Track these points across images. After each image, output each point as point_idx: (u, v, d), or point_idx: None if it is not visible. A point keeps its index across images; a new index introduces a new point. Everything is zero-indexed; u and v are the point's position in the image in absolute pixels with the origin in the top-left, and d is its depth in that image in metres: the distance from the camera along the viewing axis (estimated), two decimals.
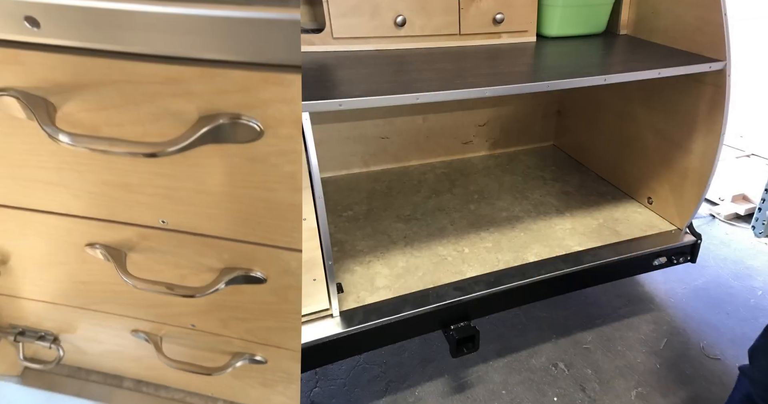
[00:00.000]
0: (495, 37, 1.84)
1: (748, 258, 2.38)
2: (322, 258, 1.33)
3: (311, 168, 1.21)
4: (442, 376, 1.76)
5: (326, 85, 1.33)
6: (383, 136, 2.26)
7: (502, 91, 1.32)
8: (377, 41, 1.72)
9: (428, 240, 1.80)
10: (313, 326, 1.40)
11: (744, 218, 2.67)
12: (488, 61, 1.62)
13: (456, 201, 2.06)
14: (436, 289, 1.55)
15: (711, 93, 1.61)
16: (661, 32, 1.79)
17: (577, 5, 1.83)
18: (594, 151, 2.28)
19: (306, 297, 1.36)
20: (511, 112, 2.43)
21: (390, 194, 2.12)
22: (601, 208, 2.00)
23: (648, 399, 1.68)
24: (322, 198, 1.25)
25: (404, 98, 1.23)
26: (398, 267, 1.65)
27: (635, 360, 1.82)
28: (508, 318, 2.02)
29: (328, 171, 2.26)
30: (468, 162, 2.41)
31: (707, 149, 1.67)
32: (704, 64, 1.53)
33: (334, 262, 1.38)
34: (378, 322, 1.43)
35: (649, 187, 1.97)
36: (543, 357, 1.84)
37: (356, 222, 1.92)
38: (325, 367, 1.80)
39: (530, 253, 1.72)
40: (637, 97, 1.94)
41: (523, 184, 2.20)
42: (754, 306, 2.09)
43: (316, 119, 1.98)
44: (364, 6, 1.67)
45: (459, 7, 1.76)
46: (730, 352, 1.86)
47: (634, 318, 2.02)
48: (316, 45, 1.67)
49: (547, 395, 1.69)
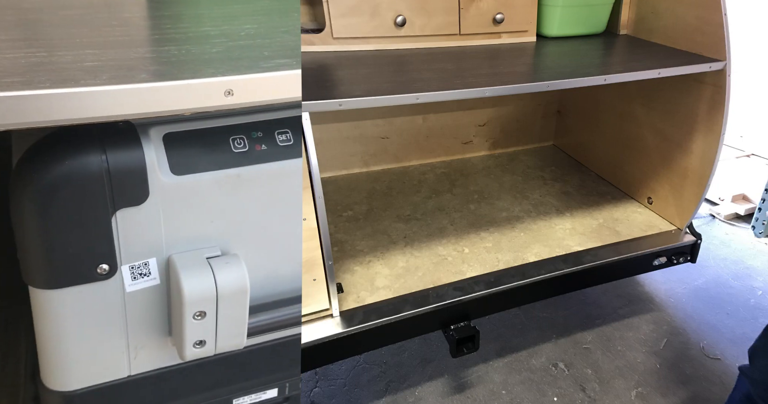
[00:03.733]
0: (495, 37, 1.84)
1: (748, 258, 2.38)
2: (322, 258, 1.33)
3: (311, 168, 1.21)
4: (442, 376, 1.76)
5: (326, 85, 1.33)
6: (383, 136, 2.26)
7: (502, 91, 1.32)
8: (377, 41, 1.72)
9: (428, 240, 1.79)
10: (313, 326, 1.40)
11: (744, 218, 2.67)
12: (488, 61, 1.62)
13: (456, 201, 2.06)
14: (436, 289, 1.55)
15: (711, 93, 1.61)
16: (661, 32, 1.79)
17: (577, 5, 1.83)
18: (594, 151, 2.28)
19: (306, 297, 1.36)
20: (511, 112, 2.43)
21: (390, 194, 2.12)
22: (601, 208, 2.00)
23: (648, 399, 1.68)
24: (322, 198, 1.25)
25: (404, 98, 1.23)
26: (398, 267, 1.65)
27: (635, 360, 1.82)
28: (508, 318, 2.02)
29: (328, 171, 2.25)
30: (468, 162, 2.41)
31: (707, 149, 1.67)
32: (704, 64, 1.53)
33: (334, 262, 1.38)
34: (378, 322, 1.43)
35: (649, 187, 1.97)
36: (543, 357, 1.84)
37: (356, 222, 1.92)
38: (325, 367, 1.80)
39: (530, 253, 1.72)
40: (637, 97, 1.94)
41: (523, 184, 2.20)
42: (754, 306, 2.09)
43: (316, 119, 1.98)
44: (364, 6, 1.67)
45: (459, 7, 1.76)
46: (730, 352, 1.86)
47: (634, 318, 2.01)
48: (316, 45, 1.67)
49: (547, 395, 1.69)
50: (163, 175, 0.71)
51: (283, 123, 0.79)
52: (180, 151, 0.72)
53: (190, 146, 0.73)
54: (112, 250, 0.70)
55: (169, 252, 0.74)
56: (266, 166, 0.77)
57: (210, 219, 0.75)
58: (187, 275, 0.70)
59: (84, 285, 0.71)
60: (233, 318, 0.75)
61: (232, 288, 0.72)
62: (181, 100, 0.65)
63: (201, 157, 0.73)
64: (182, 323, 0.72)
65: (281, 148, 0.78)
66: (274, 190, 0.78)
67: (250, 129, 0.76)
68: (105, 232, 0.69)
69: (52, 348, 0.74)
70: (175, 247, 0.74)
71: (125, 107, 0.62)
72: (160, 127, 0.72)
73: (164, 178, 0.71)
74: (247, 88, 0.68)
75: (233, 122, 0.76)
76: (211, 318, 0.73)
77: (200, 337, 0.74)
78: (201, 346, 0.76)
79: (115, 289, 0.72)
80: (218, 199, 0.75)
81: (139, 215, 0.70)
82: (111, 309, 0.74)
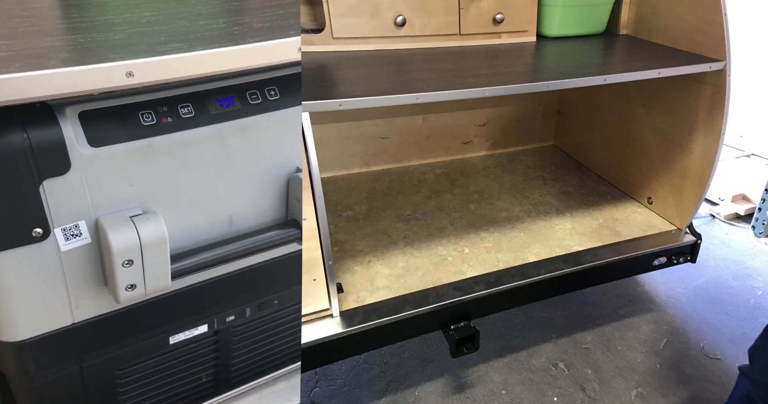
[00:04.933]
0: (495, 37, 1.84)
1: (748, 258, 2.38)
2: (322, 258, 1.33)
3: (311, 168, 1.21)
4: (442, 376, 1.76)
5: (326, 85, 1.33)
6: (383, 136, 2.26)
7: (502, 91, 1.32)
8: (377, 41, 1.72)
9: (428, 240, 1.80)
10: (313, 326, 1.40)
11: (744, 218, 2.67)
12: (488, 61, 1.62)
13: (456, 201, 2.06)
14: (436, 289, 1.55)
15: (711, 93, 1.61)
16: (661, 32, 1.79)
17: (577, 5, 1.83)
18: (594, 151, 2.28)
19: (306, 297, 1.36)
20: (511, 112, 2.43)
21: (390, 194, 2.12)
22: (601, 208, 2.00)
23: (648, 399, 1.68)
24: (322, 198, 1.25)
25: (404, 98, 1.23)
26: (398, 267, 1.65)
27: (635, 360, 1.82)
28: (508, 318, 2.02)
29: (328, 171, 2.26)
30: (468, 162, 2.41)
31: (707, 149, 1.67)
32: (704, 64, 1.53)
33: (334, 262, 1.38)
34: (378, 322, 1.43)
35: (649, 187, 1.97)
36: (543, 357, 1.84)
37: (356, 222, 1.92)
38: (325, 367, 1.80)
39: (530, 253, 1.72)
40: (637, 97, 1.94)
41: (523, 184, 2.20)
42: (754, 306, 2.09)
43: (316, 119, 1.98)
44: (364, 6, 1.67)
45: (459, 7, 1.76)
46: (730, 352, 1.86)
47: (634, 318, 2.02)
48: (316, 45, 1.67)
49: (547, 395, 1.69)
50: (81, 148, 0.82)
51: (186, 98, 0.92)
52: (95, 126, 0.83)
53: (104, 121, 0.85)
54: (43, 215, 0.81)
55: (97, 214, 0.86)
56: (173, 136, 0.90)
57: (129, 184, 0.88)
58: (113, 231, 0.84)
59: (21, 248, 0.82)
60: (157, 264, 0.90)
61: (153, 238, 0.87)
62: (88, 81, 0.76)
63: (114, 131, 0.85)
64: (113, 271, 0.86)
65: (185, 120, 0.91)
66: (183, 156, 0.92)
67: (156, 104, 0.89)
68: (34, 200, 0.80)
69: (0, 305, 0.86)
70: (103, 210, 0.87)
71: (38, 90, 0.72)
72: (75, 106, 0.83)
73: (83, 150, 0.82)
74: (145, 70, 0.79)
75: (140, 99, 0.88)
76: (137, 265, 0.88)
77: (130, 282, 0.89)
78: (132, 290, 0.90)
79: (51, 249, 0.84)
80: (134, 166, 0.87)
81: (65, 183, 0.81)
82: (49, 266, 0.86)
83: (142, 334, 1.02)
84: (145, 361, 1.05)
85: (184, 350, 1.09)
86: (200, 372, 1.15)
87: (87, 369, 0.98)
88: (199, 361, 1.13)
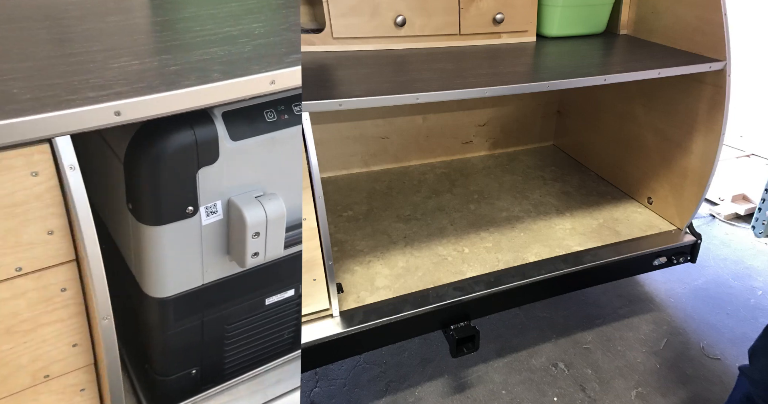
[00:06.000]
0: (495, 37, 1.84)
1: (748, 258, 2.39)
2: (322, 258, 1.33)
3: (311, 168, 1.21)
4: (442, 376, 1.76)
5: (326, 85, 1.33)
6: (383, 136, 2.26)
7: (502, 91, 1.32)
8: (377, 41, 1.72)
9: (428, 240, 1.80)
10: (313, 326, 1.40)
11: (744, 218, 2.67)
12: (488, 61, 1.62)
13: (456, 201, 2.06)
14: (436, 289, 1.55)
15: (711, 93, 1.62)
16: (661, 32, 1.79)
17: (577, 5, 1.84)
18: (594, 151, 2.28)
19: (306, 297, 1.36)
20: (511, 112, 2.43)
21: (390, 194, 2.12)
22: (601, 208, 2.00)
23: (648, 399, 1.68)
24: (322, 198, 1.25)
25: (404, 98, 1.23)
26: (398, 267, 1.65)
27: (635, 360, 1.82)
28: (508, 318, 2.02)
29: (328, 171, 2.26)
30: (468, 162, 2.41)
31: (707, 149, 1.67)
32: (704, 64, 1.53)
33: (334, 262, 1.38)
34: (378, 322, 1.43)
35: (649, 187, 1.97)
36: (543, 357, 1.84)
37: (356, 222, 1.92)
38: (325, 367, 1.80)
39: (530, 253, 1.72)
40: (637, 97, 1.94)
41: (523, 184, 2.20)
42: (754, 306, 2.09)
43: (316, 119, 1.98)
44: (364, 6, 1.67)
45: (459, 7, 1.76)
46: (730, 352, 1.86)
47: (634, 318, 2.02)
48: (316, 45, 1.67)
49: (547, 395, 1.69)
50: (227, 142, 1.01)
51: (296, 98, 1.10)
52: (235, 124, 1.02)
53: (240, 120, 1.03)
54: (195, 197, 1.01)
55: (229, 195, 1.05)
56: (289, 130, 1.08)
57: (254, 171, 1.07)
58: (247, 209, 1.03)
59: (178, 222, 1.02)
60: (276, 236, 1.09)
61: (275, 215, 1.05)
62: (243, 90, 0.94)
63: (248, 127, 1.03)
64: (245, 241, 1.04)
65: (296, 117, 1.09)
66: (294, 146, 1.11)
67: (276, 104, 1.06)
68: (192, 184, 1.00)
69: (155, 267, 1.05)
70: (233, 192, 1.06)
71: (207, 99, 0.90)
72: (220, 108, 1.01)
73: (228, 144, 1.01)
74: (283, 79, 0.97)
75: (265, 100, 1.05)
76: (262, 237, 1.06)
77: (255, 250, 1.07)
78: (256, 257, 1.08)
79: (196, 224, 1.04)
80: (260, 156, 1.06)
81: (212, 171, 1.01)
82: (193, 238, 1.05)
83: (247, 295, 1.22)
84: (247, 318, 1.25)
85: (275, 310, 1.28)
86: (284, 330, 1.33)
87: (206, 323, 1.18)
88: (284, 320, 1.32)
